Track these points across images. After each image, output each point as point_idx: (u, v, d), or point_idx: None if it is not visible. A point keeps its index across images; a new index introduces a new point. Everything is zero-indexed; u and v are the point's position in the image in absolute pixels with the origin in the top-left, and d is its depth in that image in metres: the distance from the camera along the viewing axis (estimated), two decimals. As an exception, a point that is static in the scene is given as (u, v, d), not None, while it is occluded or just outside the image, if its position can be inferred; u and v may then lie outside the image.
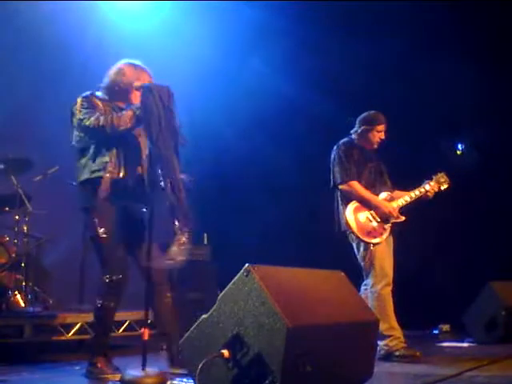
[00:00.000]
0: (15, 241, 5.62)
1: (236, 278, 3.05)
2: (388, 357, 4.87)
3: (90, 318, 5.27)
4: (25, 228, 5.84)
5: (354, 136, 5.38)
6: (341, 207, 5.20)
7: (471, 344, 6.09)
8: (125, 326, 5.58)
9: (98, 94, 4.17)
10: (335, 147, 5.33)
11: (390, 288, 5.03)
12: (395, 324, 4.97)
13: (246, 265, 3.03)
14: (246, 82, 7.64)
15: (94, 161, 4.01)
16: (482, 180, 7.39)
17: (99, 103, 4.06)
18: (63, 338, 5.15)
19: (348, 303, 3.44)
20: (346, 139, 5.38)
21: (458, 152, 8.40)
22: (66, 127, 6.63)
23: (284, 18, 7.64)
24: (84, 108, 4.00)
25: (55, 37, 6.80)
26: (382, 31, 7.57)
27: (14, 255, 5.30)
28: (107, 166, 3.97)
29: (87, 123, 3.93)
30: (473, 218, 7.30)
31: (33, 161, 6.09)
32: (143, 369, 3.56)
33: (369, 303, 4.95)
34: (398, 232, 5.21)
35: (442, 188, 5.34)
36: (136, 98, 4.02)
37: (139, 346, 3.78)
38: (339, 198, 5.25)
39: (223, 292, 3.10)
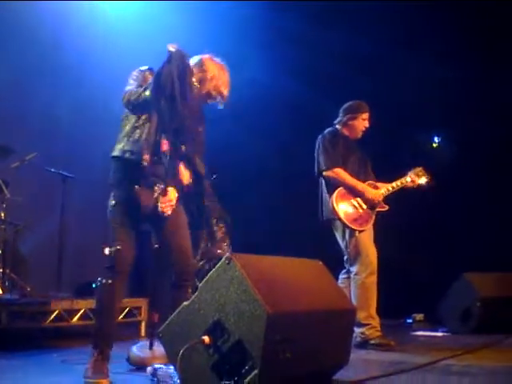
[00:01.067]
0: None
1: (217, 265, 3.07)
2: (363, 344, 4.94)
3: (67, 305, 5.32)
4: (2, 215, 5.78)
5: (338, 126, 5.42)
6: (325, 195, 5.23)
7: (445, 334, 6.19)
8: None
9: None
10: (320, 136, 5.37)
11: (374, 277, 5.10)
12: (374, 313, 5.05)
13: (228, 253, 3.07)
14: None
15: (127, 139, 3.74)
16: (459, 172, 7.48)
17: (149, 76, 3.70)
18: (41, 325, 5.12)
19: (326, 291, 3.49)
20: (330, 129, 5.42)
21: (434, 145, 8.51)
22: (44, 114, 6.67)
23: (259, 7, 7.62)
24: (131, 79, 3.73)
25: (33, 25, 6.73)
26: (359, 22, 7.63)
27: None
28: (137, 147, 3.68)
29: (122, 96, 3.68)
30: (449, 209, 7.40)
31: (11, 147, 6.03)
32: (150, 348, 3.56)
33: (352, 290, 5.02)
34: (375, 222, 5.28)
35: (421, 182, 5.43)
36: None
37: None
38: (323, 186, 5.28)
39: (205, 279, 3.12)
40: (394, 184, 5.33)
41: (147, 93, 3.53)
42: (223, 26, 7.61)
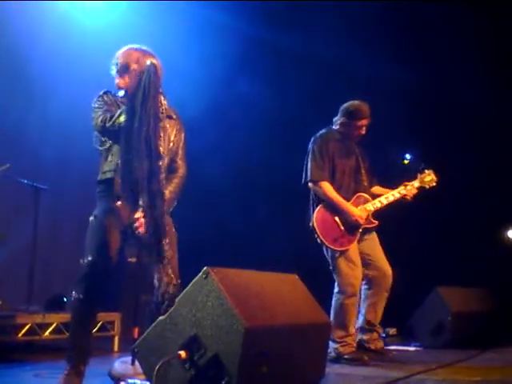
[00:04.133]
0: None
1: (195, 279, 3.07)
2: (337, 359, 4.91)
3: (39, 318, 5.25)
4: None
5: (334, 126, 5.19)
6: (311, 206, 5.07)
7: (418, 348, 6.22)
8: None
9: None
10: (312, 139, 5.14)
11: (355, 298, 4.96)
12: (352, 331, 4.97)
13: (205, 267, 3.06)
14: (198, 76, 7.56)
15: (105, 161, 3.79)
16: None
17: (109, 99, 3.78)
18: (13, 338, 5.05)
19: (302, 305, 3.51)
20: (324, 130, 5.19)
21: (406, 162, 8.58)
22: (17, 125, 6.59)
23: (238, 16, 7.65)
24: (95, 107, 3.75)
25: (10, 33, 6.67)
26: (332, 31, 7.65)
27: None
28: (112, 166, 3.72)
29: (93, 123, 3.72)
30: (421, 223, 7.45)
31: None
32: (133, 364, 3.55)
33: (332, 306, 4.95)
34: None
35: (426, 185, 5.29)
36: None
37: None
38: (311, 195, 5.10)
39: (182, 293, 3.12)
40: (389, 196, 5.13)
41: (122, 118, 3.56)
42: (199, 34, 7.60)
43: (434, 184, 5.32)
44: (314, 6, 7.52)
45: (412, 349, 6.20)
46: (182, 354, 2.93)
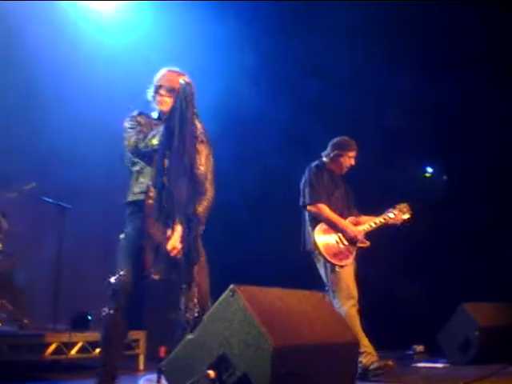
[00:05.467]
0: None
1: (221, 298, 3.07)
2: (365, 375, 4.92)
3: (65, 338, 5.27)
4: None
5: (325, 159, 5.55)
6: (309, 228, 5.35)
7: (445, 364, 6.16)
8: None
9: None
10: (307, 169, 5.49)
11: (356, 308, 5.13)
12: (365, 341, 5.06)
13: (232, 285, 3.06)
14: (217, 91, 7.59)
15: (136, 183, 3.83)
16: (454, 200, 7.51)
17: (142, 120, 3.87)
18: (40, 357, 5.07)
19: (329, 324, 3.48)
20: (317, 162, 5.53)
21: (427, 175, 8.57)
22: (42, 143, 6.66)
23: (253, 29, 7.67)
24: (127, 127, 3.84)
25: (26, 51, 6.75)
26: (351, 44, 7.63)
27: (-12, 273, 5.22)
28: (144, 188, 3.75)
29: (125, 143, 3.81)
30: (447, 239, 7.40)
31: (8, 177, 6.02)
32: (158, 382, 3.57)
33: None
34: (369, 254, 5.30)
35: (404, 217, 5.54)
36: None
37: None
38: (307, 218, 5.38)
39: (208, 312, 3.12)
40: (376, 220, 5.43)
41: (154, 141, 3.63)
42: (217, 48, 7.62)
43: (409, 216, 5.55)
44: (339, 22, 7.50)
45: (440, 365, 6.14)
46: (211, 373, 2.93)
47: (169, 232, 3.60)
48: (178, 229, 3.61)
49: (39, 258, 6.37)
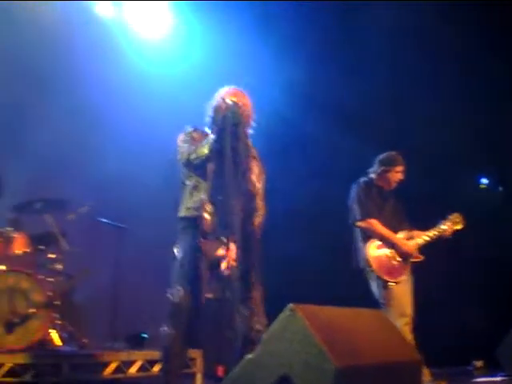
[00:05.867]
0: (51, 279, 5.66)
1: (280, 317, 3.07)
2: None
3: (124, 356, 5.34)
4: (59, 266, 5.88)
5: (372, 175, 5.48)
6: (360, 244, 5.27)
7: (504, 378, 6.03)
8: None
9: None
10: (355, 185, 5.44)
11: (409, 326, 5.05)
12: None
13: (290, 304, 3.06)
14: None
15: (190, 198, 3.87)
16: (508, 210, 7.38)
17: (197, 136, 3.93)
18: (101, 376, 5.15)
19: (391, 342, 3.44)
20: (365, 178, 5.49)
21: (482, 186, 8.43)
22: (97, 168, 6.81)
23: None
24: (182, 142, 3.91)
25: (80, 80, 6.93)
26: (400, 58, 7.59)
27: (50, 293, 5.33)
28: (199, 203, 3.77)
29: (178, 157, 3.89)
30: (506, 250, 7.26)
31: (66, 199, 6.17)
32: None
33: None
34: (424, 270, 5.22)
35: (456, 228, 5.41)
36: None
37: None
38: (358, 235, 5.31)
39: (268, 332, 3.12)
40: (430, 233, 5.31)
41: (205, 150, 3.68)
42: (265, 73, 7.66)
43: (461, 226, 5.42)
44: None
45: (498, 379, 6.03)
46: (273, 393, 2.92)
47: (224, 249, 3.64)
48: (233, 247, 3.62)
49: (97, 278, 6.49)
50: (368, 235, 5.22)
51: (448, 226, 5.35)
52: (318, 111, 7.69)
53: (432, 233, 5.32)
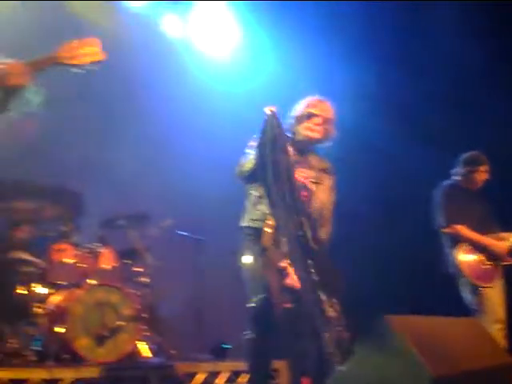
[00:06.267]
0: (138, 292, 5.80)
1: (373, 328, 3.06)
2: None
3: (212, 367, 5.41)
4: (146, 279, 6.02)
5: (457, 177, 5.37)
6: (448, 249, 5.17)
7: None
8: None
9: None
10: (438, 189, 5.34)
11: (503, 333, 4.95)
12: None
13: (384, 315, 3.04)
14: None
15: (254, 209, 3.89)
16: None
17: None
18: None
19: (487, 350, 3.38)
20: (449, 181, 5.39)
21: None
22: (175, 186, 6.94)
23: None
24: (247, 149, 3.88)
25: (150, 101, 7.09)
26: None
27: (138, 307, 5.46)
28: (262, 215, 3.79)
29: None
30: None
31: (147, 214, 6.32)
32: None
33: None
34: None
35: None
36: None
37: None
38: (447, 240, 5.22)
39: (360, 343, 3.11)
40: None
41: (250, 165, 3.69)
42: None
43: None
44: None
45: None
46: (369, 404, 2.92)
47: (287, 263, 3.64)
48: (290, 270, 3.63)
49: (180, 290, 6.61)
50: (457, 240, 5.11)
51: None
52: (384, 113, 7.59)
53: None
